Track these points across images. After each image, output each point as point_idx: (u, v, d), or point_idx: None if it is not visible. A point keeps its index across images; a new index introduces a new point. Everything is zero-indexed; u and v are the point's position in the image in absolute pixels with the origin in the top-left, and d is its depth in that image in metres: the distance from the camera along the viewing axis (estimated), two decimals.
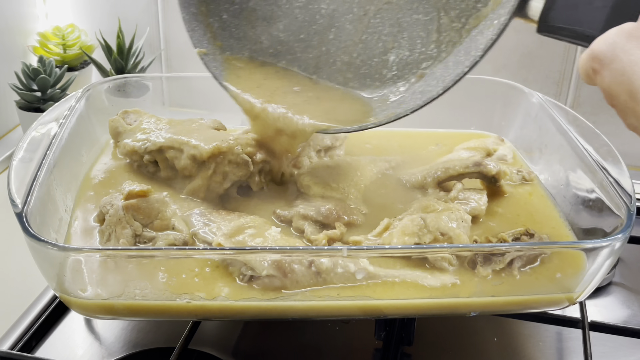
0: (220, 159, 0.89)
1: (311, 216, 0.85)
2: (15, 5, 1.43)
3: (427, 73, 0.83)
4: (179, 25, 0.97)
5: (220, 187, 0.90)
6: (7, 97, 1.40)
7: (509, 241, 0.81)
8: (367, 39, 0.87)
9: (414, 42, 0.84)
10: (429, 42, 0.83)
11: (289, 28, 0.90)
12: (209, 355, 0.87)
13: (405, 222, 0.81)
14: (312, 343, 0.90)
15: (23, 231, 0.71)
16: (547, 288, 0.77)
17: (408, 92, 0.83)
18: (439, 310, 0.79)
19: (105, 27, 1.49)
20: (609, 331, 0.91)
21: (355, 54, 0.88)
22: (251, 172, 0.91)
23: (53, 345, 0.89)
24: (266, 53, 0.92)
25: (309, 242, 0.83)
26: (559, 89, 1.38)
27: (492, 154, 1.06)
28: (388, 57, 0.85)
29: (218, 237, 0.79)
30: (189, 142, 0.91)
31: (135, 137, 0.96)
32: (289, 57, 0.91)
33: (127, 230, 0.79)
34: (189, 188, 0.90)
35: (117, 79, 1.11)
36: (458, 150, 1.06)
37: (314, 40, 0.88)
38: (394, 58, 0.85)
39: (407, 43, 0.84)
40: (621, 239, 0.73)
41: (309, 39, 0.89)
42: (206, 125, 0.98)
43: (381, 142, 1.10)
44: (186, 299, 0.73)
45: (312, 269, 0.74)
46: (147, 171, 0.95)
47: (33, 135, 0.88)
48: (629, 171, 0.83)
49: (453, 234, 0.80)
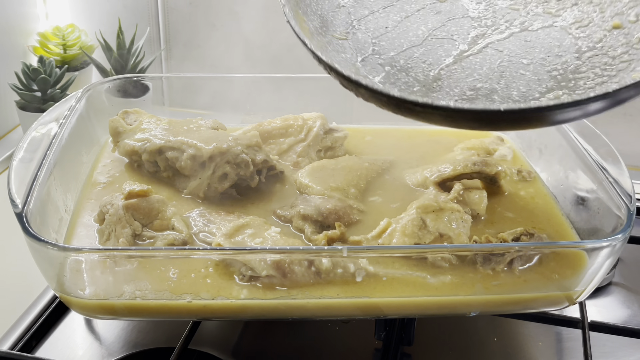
0: (220, 159, 0.89)
1: (311, 216, 0.85)
2: (15, 5, 1.43)
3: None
4: (179, 25, 0.97)
5: (220, 187, 0.90)
6: (7, 97, 1.40)
7: (508, 241, 0.81)
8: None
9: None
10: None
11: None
12: (209, 355, 0.87)
13: (405, 223, 0.81)
14: (312, 343, 0.90)
15: (23, 231, 0.71)
16: (547, 288, 0.77)
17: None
18: (439, 309, 0.79)
19: (105, 27, 1.49)
20: (609, 331, 0.91)
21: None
22: (251, 172, 0.91)
23: (53, 345, 0.89)
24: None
25: (309, 242, 0.83)
26: None
27: (492, 154, 1.06)
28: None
29: (218, 237, 0.79)
30: (189, 143, 0.91)
31: (135, 137, 0.96)
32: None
33: (127, 229, 0.79)
34: (189, 188, 0.90)
35: (117, 79, 1.11)
36: (458, 149, 1.06)
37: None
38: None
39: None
40: (621, 239, 0.74)
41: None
42: (206, 126, 0.98)
43: (381, 140, 1.11)
44: (187, 298, 0.73)
45: (312, 269, 0.74)
46: (147, 171, 0.95)
47: (33, 135, 0.88)
48: (629, 171, 0.83)
49: (453, 234, 0.80)
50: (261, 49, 1.46)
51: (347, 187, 0.92)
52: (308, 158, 1.01)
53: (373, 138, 1.11)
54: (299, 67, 1.46)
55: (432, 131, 1.14)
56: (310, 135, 1.02)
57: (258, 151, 0.93)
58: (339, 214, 0.86)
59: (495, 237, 0.82)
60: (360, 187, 0.94)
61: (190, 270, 0.76)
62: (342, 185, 0.92)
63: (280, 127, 1.03)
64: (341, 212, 0.87)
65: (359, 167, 0.97)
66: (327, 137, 1.04)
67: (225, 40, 1.47)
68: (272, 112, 1.13)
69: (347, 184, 0.93)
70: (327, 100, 1.14)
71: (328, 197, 0.89)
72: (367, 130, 1.14)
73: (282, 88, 1.15)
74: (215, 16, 1.45)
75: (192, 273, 0.75)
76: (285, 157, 1.01)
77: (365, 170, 0.97)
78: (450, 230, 0.80)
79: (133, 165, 0.97)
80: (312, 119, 1.04)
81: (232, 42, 1.47)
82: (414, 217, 0.81)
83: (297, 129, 1.03)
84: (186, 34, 1.48)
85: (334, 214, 0.86)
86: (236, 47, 1.47)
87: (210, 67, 1.50)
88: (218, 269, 0.76)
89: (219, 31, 1.46)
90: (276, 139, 1.03)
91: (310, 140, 1.02)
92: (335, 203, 0.88)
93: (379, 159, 1.02)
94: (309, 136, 1.02)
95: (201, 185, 0.90)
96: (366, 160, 1.00)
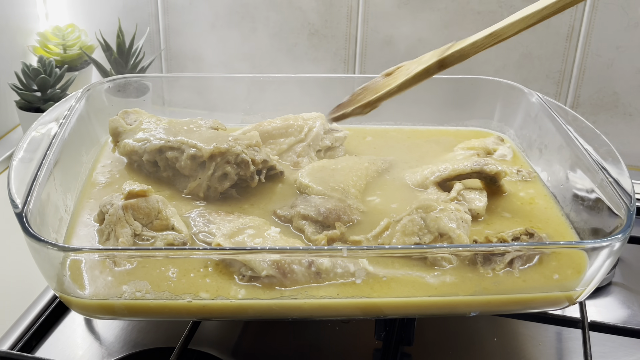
0: (221, 159, 0.89)
1: (311, 216, 0.85)
2: (15, 5, 1.43)
3: None
4: (179, 25, 0.97)
5: (220, 187, 0.90)
6: (7, 97, 1.40)
7: (508, 241, 0.81)
8: None
9: None
10: None
11: None
12: (209, 355, 0.87)
13: (405, 222, 0.81)
14: (312, 343, 0.90)
15: (23, 231, 0.71)
16: (547, 288, 0.77)
17: None
18: (439, 309, 0.79)
19: (105, 27, 1.49)
20: (609, 331, 0.91)
21: None
22: (251, 172, 0.91)
23: (53, 345, 0.89)
24: None
25: (309, 243, 0.83)
26: (559, 89, 1.38)
27: (492, 154, 1.06)
28: None
29: (218, 237, 0.79)
30: (189, 142, 0.91)
31: (135, 137, 0.96)
32: None
33: (126, 229, 0.79)
34: (189, 188, 0.90)
35: (117, 79, 1.11)
36: (458, 149, 1.06)
37: None
38: None
39: None
40: (621, 239, 0.73)
41: None
42: (206, 126, 0.98)
43: (381, 140, 1.11)
44: (186, 298, 0.73)
45: (312, 269, 0.74)
46: (147, 171, 0.95)
47: (33, 135, 0.88)
48: (629, 171, 0.83)
49: (453, 234, 0.80)
50: (261, 48, 1.46)
51: (348, 187, 0.92)
52: (308, 158, 1.01)
53: (373, 138, 1.11)
54: (298, 67, 1.46)
55: (432, 131, 1.14)
56: (310, 135, 1.02)
57: (258, 151, 0.93)
58: (339, 214, 0.86)
59: (495, 237, 0.82)
60: (360, 187, 0.94)
61: (190, 270, 0.76)
62: (343, 185, 0.92)
63: (280, 127, 1.03)
64: (341, 212, 0.87)
65: (358, 167, 0.97)
66: (326, 137, 1.04)
67: (225, 40, 1.47)
68: (272, 112, 1.13)
69: (347, 184, 0.93)
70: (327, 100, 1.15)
71: (328, 197, 0.89)
72: (368, 130, 1.14)
73: (282, 88, 1.15)
74: (215, 16, 1.45)
75: (191, 273, 0.75)
76: (285, 157, 1.01)
77: (365, 170, 0.97)
78: (450, 231, 0.80)
79: (133, 165, 0.97)
80: (312, 119, 1.04)
81: (232, 42, 1.47)
82: (414, 217, 0.81)
83: (297, 129, 1.03)
84: (186, 33, 1.48)
85: (334, 214, 0.86)
86: (236, 47, 1.47)
87: (210, 67, 1.50)
88: (218, 269, 0.76)
89: (219, 31, 1.46)
90: (276, 139, 1.03)
91: (310, 140, 1.02)
92: (336, 203, 0.88)
93: (378, 159, 1.02)
94: (308, 136, 1.02)
95: (201, 185, 0.90)
96: (366, 161, 1.00)
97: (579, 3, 0.73)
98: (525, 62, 1.38)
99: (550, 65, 1.37)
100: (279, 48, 1.45)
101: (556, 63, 1.36)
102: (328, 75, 1.35)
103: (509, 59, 1.38)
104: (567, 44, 1.34)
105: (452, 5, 1.36)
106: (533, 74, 1.38)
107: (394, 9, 1.38)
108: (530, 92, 1.08)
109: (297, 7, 1.41)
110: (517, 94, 1.11)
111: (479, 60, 1.38)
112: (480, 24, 1.35)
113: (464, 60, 0.78)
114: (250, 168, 0.91)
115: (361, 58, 1.43)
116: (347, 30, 1.41)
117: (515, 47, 1.36)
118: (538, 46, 1.36)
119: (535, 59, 1.37)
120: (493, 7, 1.34)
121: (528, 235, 0.82)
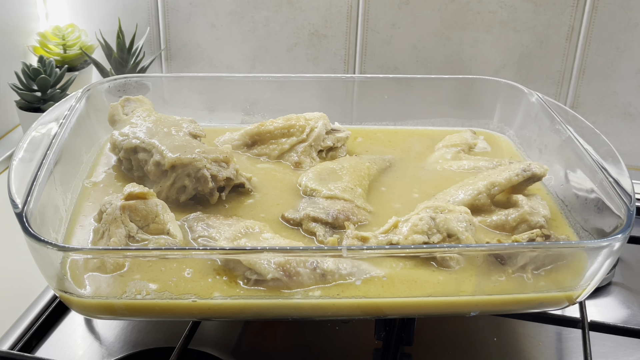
0: (182, 170, 0.87)
1: (321, 218, 0.85)
2: (15, 5, 1.43)
3: None
4: (179, 25, 0.97)
5: (178, 198, 0.88)
6: (7, 97, 1.40)
7: (522, 242, 0.80)
8: None
9: None
10: None
11: None
12: (209, 355, 0.87)
13: (414, 221, 0.80)
14: (312, 343, 0.90)
15: (23, 231, 0.71)
16: (547, 288, 0.77)
17: None
18: (439, 309, 0.79)
19: (105, 27, 1.49)
20: (609, 331, 0.91)
21: None
22: (210, 189, 0.88)
23: (53, 345, 0.89)
24: None
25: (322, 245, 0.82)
26: (559, 89, 1.38)
27: (473, 148, 1.06)
28: None
29: (220, 241, 0.78)
30: (158, 148, 0.89)
31: (121, 130, 0.96)
32: None
33: (121, 229, 0.78)
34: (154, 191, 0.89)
35: (117, 79, 1.11)
36: (441, 148, 1.06)
37: None
38: None
39: None
40: (621, 239, 0.73)
41: None
42: (185, 131, 0.96)
43: (381, 139, 1.11)
44: (187, 298, 0.73)
45: (318, 271, 0.74)
46: (125, 168, 0.94)
47: (33, 135, 0.88)
48: (629, 171, 0.83)
49: (462, 235, 0.79)
50: (261, 48, 1.46)
51: (354, 187, 0.92)
52: (309, 158, 1.01)
53: (372, 139, 1.11)
54: (298, 67, 1.46)
55: (432, 131, 1.14)
56: (312, 135, 1.02)
57: (225, 167, 0.90)
58: (348, 214, 0.86)
59: (508, 239, 0.82)
60: (365, 186, 0.94)
61: (191, 274, 0.75)
62: (350, 185, 0.92)
63: (282, 127, 1.03)
64: (350, 212, 0.87)
65: (361, 166, 0.97)
66: (328, 137, 1.04)
67: (225, 40, 1.47)
68: (272, 112, 1.13)
69: (353, 184, 0.92)
70: (327, 100, 1.15)
71: (335, 199, 0.89)
72: (368, 130, 1.14)
73: (282, 88, 1.15)
74: (215, 16, 1.45)
75: (192, 274, 0.75)
76: (287, 157, 1.01)
77: (367, 170, 0.97)
78: (459, 232, 0.80)
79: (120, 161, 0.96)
80: (315, 119, 1.04)
81: (232, 42, 1.47)
82: (423, 216, 0.80)
83: (299, 128, 1.03)
84: (186, 34, 1.48)
85: (343, 215, 0.86)
86: (236, 47, 1.47)
87: (210, 67, 1.50)
88: (220, 273, 0.76)
89: (219, 31, 1.46)
90: (278, 139, 1.03)
91: (311, 140, 1.02)
92: (343, 204, 0.88)
93: (378, 158, 1.02)
94: (310, 136, 1.02)
95: (161, 193, 0.88)
96: (367, 160, 1.00)
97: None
98: (525, 62, 1.38)
99: (550, 65, 1.37)
100: (279, 48, 1.45)
101: (556, 63, 1.36)
102: (328, 75, 1.34)
103: (509, 59, 1.38)
104: (567, 44, 1.34)
105: (452, 5, 1.36)
106: (533, 74, 1.38)
107: (394, 9, 1.38)
108: (530, 92, 1.08)
109: (297, 7, 1.41)
110: (517, 94, 1.11)
111: (479, 60, 1.39)
112: (480, 24, 1.36)
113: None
114: (209, 185, 0.88)
115: (361, 58, 1.43)
116: (347, 30, 1.41)
117: (515, 47, 1.36)
118: (538, 46, 1.36)
119: (535, 59, 1.37)
120: (493, 7, 1.34)
121: (544, 237, 0.81)
